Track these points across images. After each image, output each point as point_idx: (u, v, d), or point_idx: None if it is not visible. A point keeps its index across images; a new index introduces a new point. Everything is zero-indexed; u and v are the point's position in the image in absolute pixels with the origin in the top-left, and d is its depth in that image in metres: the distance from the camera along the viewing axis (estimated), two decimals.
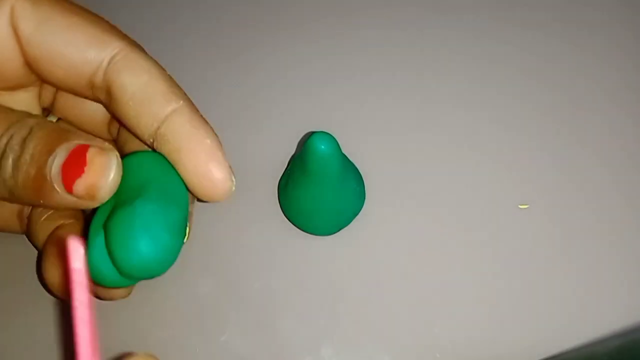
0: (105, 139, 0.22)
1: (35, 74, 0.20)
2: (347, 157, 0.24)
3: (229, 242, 0.25)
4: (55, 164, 0.18)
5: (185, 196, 0.20)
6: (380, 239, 0.25)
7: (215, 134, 0.20)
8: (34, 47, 0.19)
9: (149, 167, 0.19)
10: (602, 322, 0.23)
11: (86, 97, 0.21)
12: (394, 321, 0.23)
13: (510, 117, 0.28)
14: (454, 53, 0.30)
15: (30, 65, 0.19)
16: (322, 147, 0.21)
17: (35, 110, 0.22)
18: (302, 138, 0.27)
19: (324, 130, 0.22)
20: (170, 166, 0.20)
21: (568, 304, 0.24)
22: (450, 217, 0.25)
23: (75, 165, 0.18)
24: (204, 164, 0.19)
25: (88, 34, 0.19)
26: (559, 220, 0.25)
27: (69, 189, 0.18)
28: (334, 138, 0.22)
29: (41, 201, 0.18)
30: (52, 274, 0.20)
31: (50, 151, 0.18)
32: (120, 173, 0.18)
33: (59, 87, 0.21)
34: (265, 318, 0.24)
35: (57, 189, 0.18)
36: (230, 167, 0.19)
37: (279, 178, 0.26)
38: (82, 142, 0.18)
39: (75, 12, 0.19)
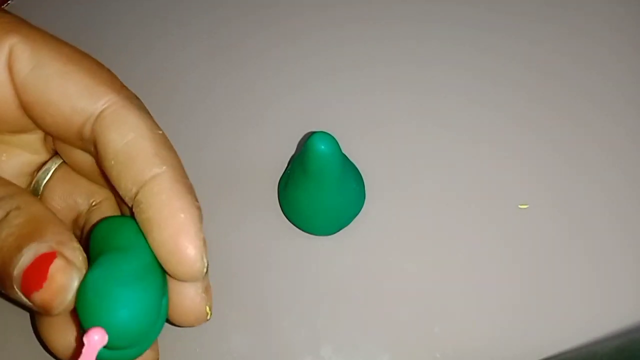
0: (103, 187, 0.22)
1: (28, 116, 0.19)
2: (347, 157, 0.24)
3: (229, 242, 0.25)
4: (19, 266, 0.17)
5: (158, 272, 0.18)
6: (380, 239, 0.25)
7: (196, 206, 0.18)
8: (26, 91, 0.18)
9: (127, 235, 0.19)
10: (602, 322, 0.23)
11: (77, 147, 0.20)
12: (393, 321, 0.23)
13: (510, 117, 0.28)
14: (454, 53, 0.30)
15: (23, 108, 0.19)
16: (322, 147, 0.21)
17: (42, 152, 0.22)
18: (302, 138, 0.27)
19: (324, 130, 0.22)
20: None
21: (568, 304, 0.24)
22: (450, 217, 0.25)
23: (36, 275, 0.17)
24: (173, 239, 0.17)
25: (81, 84, 0.18)
26: (559, 220, 0.25)
27: (26, 295, 0.17)
28: (334, 138, 0.22)
29: (2, 290, 0.18)
30: (57, 337, 0.19)
31: (19, 247, 0.17)
32: (75, 291, 0.17)
33: (50, 135, 0.20)
34: (265, 318, 0.24)
35: (17, 289, 0.17)
36: (204, 246, 0.18)
37: (279, 178, 0.26)
38: (52, 244, 0.17)
39: (74, 60, 0.19)
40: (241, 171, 0.27)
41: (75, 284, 0.17)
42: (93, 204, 0.22)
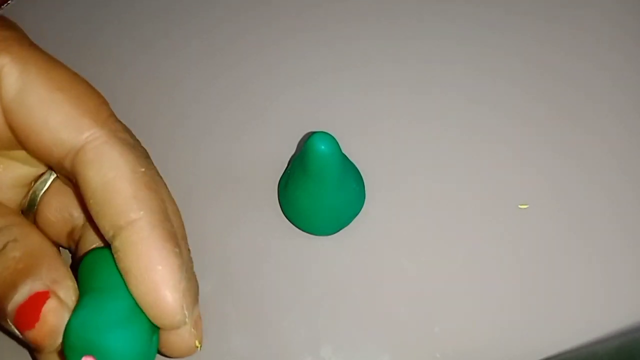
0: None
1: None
2: (347, 157, 0.24)
3: (229, 242, 0.25)
4: (13, 302, 0.17)
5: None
6: (380, 239, 0.25)
7: (175, 253, 0.18)
8: (10, 115, 0.18)
9: (115, 271, 0.18)
10: (602, 322, 0.23)
11: (59, 174, 0.20)
12: (394, 321, 0.23)
13: (511, 117, 0.28)
14: (454, 53, 0.30)
15: (10, 129, 0.19)
16: (322, 147, 0.21)
17: (38, 164, 0.21)
18: (302, 138, 0.27)
19: (324, 130, 0.22)
20: None
21: (568, 304, 0.24)
22: (450, 217, 0.25)
23: (29, 315, 0.17)
24: (151, 293, 0.17)
25: (65, 115, 0.18)
26: (559, 220, 0.25)
27: (20, 331, 0.17)
28: (334, 138, 0.22)
29: None
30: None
31: (14, 284, 0.17)
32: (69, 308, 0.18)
33: (34, 157, 0.20)
34: (265, 318, 0.24)
35: (11, 325, 0.17)
36: (184, 296, 0.18)
37: (279, 178, 0.26)
38: (47, 282, 0.17)
39: (61, 87, 0.18)
40: (241, 171, 0.27)
41: (64, 323, 0.17)
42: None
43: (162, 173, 0.20)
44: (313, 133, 0.22)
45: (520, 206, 0.26)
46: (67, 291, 0.18)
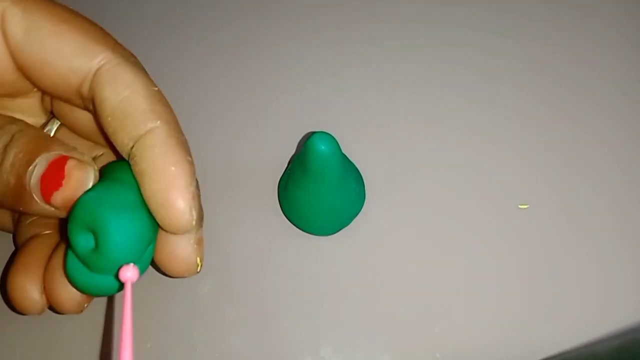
0: (102, 146, 0.22)
1: (27, 80, 0.20)
2: (347, 157, 0.24)
3: (229, 242, 0.25)
4: (35, 174, 0.18)
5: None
6: (380, 239, 0.25)
7: (188, 160, 0.19)
8: (22, 53, 0.19)
9: (129, 172, 0.19)
10: (602, 322, 0.23)
11: (77, 106, 0.20)
12: (393, 321, 0.23)
13: (511, 117, 0.28)
14: (454, 53, 0.30)
15: (20, 71, 0.19)
16: (322, 147, 0.21)
17: (40, 115, 0.22)
18: (302, 138, 0.27)
19: (324, 130, 0.22)
20: None
21: (568, 304, 0.24)
22: (450, 217, 0.25)
23: (53, 177, 0.18)
24: (163, 191, 0.18)
25: (76, 43, 0.19)
26: (559, 220, 0.25)
27: (47, 200, 0.18)
28: (334, 138, 0.22)
29: (21, 208, 0.19)
30: (17, 284, 0.20)
31: (30, 161, 0.18)
32: (96, 177, 0.19)
33: (50, 95, 0.21)
34: (265, 318, 0.24)
35: (36, 199, 0.18)
36: (194, 199, 0.18)
37: (279, 178, 0.26)
38: (62, 152, 0.18)
39: (66, 20, 0.19)
40: (241, 171, 0.27)
41: (91, 178, 0.18)
42: (95, 157, 0.23)
43: None
44: (313, 133, 0.22)
45: (520, 206, 0.26)
46: (83, 155, 0.19)
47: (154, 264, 0.20)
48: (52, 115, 0.22)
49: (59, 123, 0.22)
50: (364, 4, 0.31)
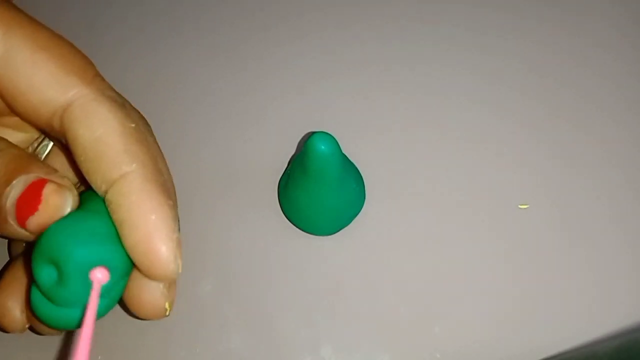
0: None
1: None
2: (347, 157, 0.24)
3: (229, 242, 0.25)
4: (11, 196, 0.17)
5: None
6: (380, 239, 0.25)
7: (169, 204, 0.18)
8: None
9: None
10: (602, 322, 0.23)
11: (50, 137, 0.20)
12: (394, 321, 0.23)
13: (511, 117, 0.28)
14: (454, 53, 0.30)
15: None
16: (322, 147, 0.21)
17: (31, 130, 0.21)
18: (302, 138, 0.27)
19: (324, 130, 0.22)
20: None
21: (568, 304, 0.24)
22: (450, 217, 0.25)
23: (30, 201, 0.17)
24: (144, 242, 0.17)
25: (50, 74, 0.18)
26: (559, 220, 0.25)
27: (22, 224, 0.17)
28: (334, 138, 0.22)
29: None
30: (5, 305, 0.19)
31: (8, 181, 0.17)
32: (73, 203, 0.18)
33: (24, 121, 0.20)
34: (265, 318, 0.24)
35: (11, 222, 0.17)
36: (178, 246, 0.17)
37: (279, 178, 0.26)
38: (41, 175, 0.17)
39: (46, 47, 0.18)
40: (241, 171, 0.27)
41: (69, 204, 0.17)
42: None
43: None
44: (313, 133, 0.22)
45: (520, 206, 0.26)
46: (63, 179, 0.18)
47: (123, 304, 0.20)
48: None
49: (51, 144, 0.22)
50: (364, 4, 0.31)
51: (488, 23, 0.31)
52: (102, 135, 0.17)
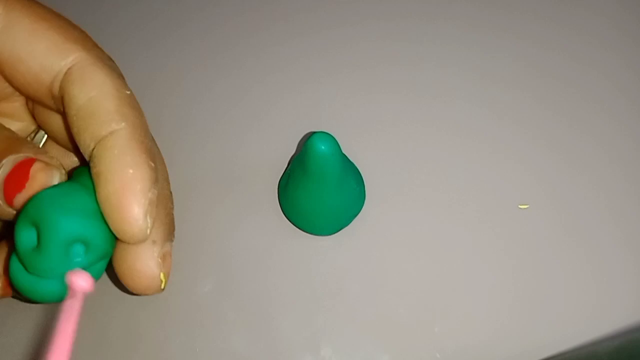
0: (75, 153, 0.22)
1: (4, 79, 0.20)
2: (347, 157, 0.24)
3: (229, 242, 0.25)
4: (0, 175, 0.17)
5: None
6: (380, 239, 0.25)
7: (149, 165, 0.18)
8: None
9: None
10: (602, 322, 0.23)
11: (50, 108, 0.20)
12: (393, 321, 0.23)
13: (511, 117, 0.28)
14: (454, 53, 0.30)
15: None
16: (322, 147, 0.21)
17: (28, 120, 0.22)
18: (302, 138, 0.27)
19: (324, 130, 0.22)
20: None
21: (568, 304, 0.24)
22: (450, 217, 0.25)
23: (17, 179, 0.17)
24: (116, 194, 0.17)
25: (50, 41, 0.18)
26: (559, 220, 0.25)
27: (9, 201, 0.17)
28: (334, 138, 0.22)
29: None
30: None
31: None
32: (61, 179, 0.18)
33: (24, 95, 0.20)
34: (265, 318, 0.24)
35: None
36: (151, 205, 0.17)
37: (279, 178, 0.26)
38: (30, 155, 0.18)
39: (45, 18, 0.19)
40: (241, 171, 0.27)
41: (56, 181, 0.17)
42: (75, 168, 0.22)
43: None
44: (313, 133, 0.22)
45: (520, 206, 0.26)
46: (51, 159, 0.18)
47: (118, 282, 0.19)
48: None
49: (44, 135, 0.22)
50: (365, 4, 0.31)
51: (488, 23, 0.31)
52: (96, 95, 0.18)
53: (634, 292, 0.24)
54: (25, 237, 0.17)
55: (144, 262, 0.18)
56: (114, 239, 0.18)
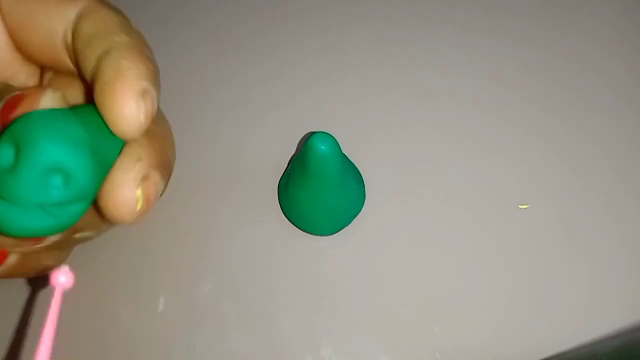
0: None
1: (18, 50, 0.20)
2: (347, 157, 0.24)
3: (229, 242, 0.25)
4: None
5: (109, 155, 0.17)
6: (380, 239, 0.25)
7: (147, 65, 0.18)
8: (13, 15, 0.19)
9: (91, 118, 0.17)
10: (602, 322, 0.23)
11: (67, 67, 0.20)
12: (393, 321, 0.23)
13: (511, 117, 0.28)
14: (454, 53, 0.30)
15: (11, 37, 0.19)
16: (322, 147, 0.21)
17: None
18: (302, 138, 0.27)
19: (324, 130, 0.22)
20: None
21: (568, 304, 0.24)
22: (450, 217, 0.25)
23: (13, 104, 0.17)
24: (110, 83, 0.17)
25: None
26: (559, 220, 0.25)
27: (5, 122, 0.17)
28: (334, 138, 0.22)
29: None
30: None
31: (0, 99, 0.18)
32: (55, 103, 0.17)
33: (42, 62, 0.21)
34: (265, 318, 0.24)
35: None
36: (148, 95, 0.17)
37: (279, 178, 0.26)
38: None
39: None
40: (241, 171, 0.27)
41: (47, 93, 0.17)
42: None
43: None
44: (313, 133, 0.22)
45: (520, 206, 0.26)
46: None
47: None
48: None
49: None
50: (365, 5, 0.31)
51: (488, 26, 0.31)
52: (101, 24, 0.18)
53: (634, 292, 0.24)
54: (4, 153, 0.16)
55: (122, 174, 0.17)
56: (98, 181, 0.17)
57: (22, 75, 0.21)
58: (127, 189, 0.17)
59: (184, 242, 0.25)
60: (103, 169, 0.17)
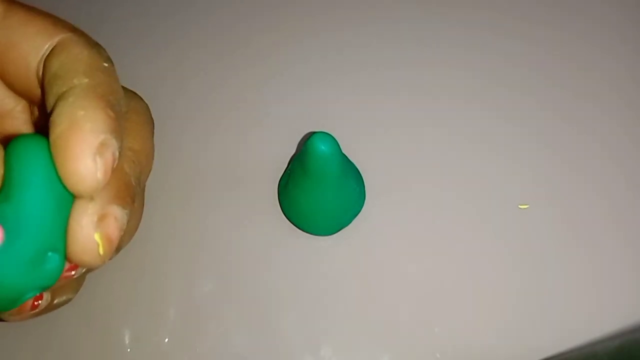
0: None
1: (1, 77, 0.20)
2: (347, 157, 0.24)
3: (229, 242, 0.25)
4: None
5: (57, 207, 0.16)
6: (380, 239, 0.25)
7: (107, 113, 0.16)
8: None
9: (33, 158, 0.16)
10: (602, 322, 0.23)
11: (39, 99, 0.20)
12: (393, 321, 0.23)
13: (511, 117, 0.28)
14: (454, 53, 0.30)
15: None
16: (322, 147, 0.21)
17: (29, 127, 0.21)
18: (302, 138, 0.27)
19: (324, 130, 0.22)
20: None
21: (568, 304, 0.24)
22: (450, 217, 0.25)
23: None
24: (64, 135, 0.15)
25: (40, 26, 0.19)
26: (559, 220, 0.25)
27: None
28: (334, 138, 0.22)
29: None
30: None
31: None
32: None
33: (19, 94, 0.20)
34: (265, 318, 0.24)
35: None
36: (105, 148, 0.16)
37: (279, 178, 0.26)
38: None
39: (39, 12, 0.19)
40: (241, 171, 0.27)
41: None
42: None
43: (162, 173, 0.20)
44: (313, 133, 0.22)
45: (520, 206, 0.26)
46: None
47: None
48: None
49: None
50: (365, 5, 0.31)
51: (488, 25, 0.31)
52: (68, 61, 0.18)
53: (634, 292, 0.24)
54: None
55: (76, 220, 0.16)
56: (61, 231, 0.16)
57: (9, 100, 0.21)
58: (83, 238, 0.16)
59: (183, 242, 0.25)
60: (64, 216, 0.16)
